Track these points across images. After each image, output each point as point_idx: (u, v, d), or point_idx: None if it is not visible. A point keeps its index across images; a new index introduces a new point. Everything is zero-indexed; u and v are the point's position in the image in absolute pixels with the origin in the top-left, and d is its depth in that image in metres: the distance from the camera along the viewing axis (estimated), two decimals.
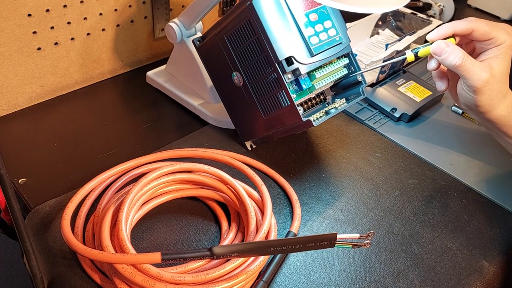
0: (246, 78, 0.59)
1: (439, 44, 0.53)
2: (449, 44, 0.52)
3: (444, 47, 0.52)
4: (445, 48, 0.52)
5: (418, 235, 0.56)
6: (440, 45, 0.52)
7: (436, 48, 0.53)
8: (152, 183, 0.53)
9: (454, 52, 0.52)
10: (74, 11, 0.70)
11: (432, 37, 0.53)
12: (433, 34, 0.53)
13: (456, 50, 0.52)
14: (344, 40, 0.58)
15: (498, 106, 0.54)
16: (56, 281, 0.48)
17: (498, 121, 0.56)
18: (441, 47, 0.52)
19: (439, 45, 0.52)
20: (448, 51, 0.52)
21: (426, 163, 0.67)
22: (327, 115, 0.59)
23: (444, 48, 0.52)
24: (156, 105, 0.74)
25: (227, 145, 0.66)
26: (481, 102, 0.54)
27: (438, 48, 0.52)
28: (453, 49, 0.52)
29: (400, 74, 0.82)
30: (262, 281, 0.48)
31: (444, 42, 0.52)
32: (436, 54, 0.53)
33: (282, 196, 0.60)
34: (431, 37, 0.53)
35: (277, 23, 0.54)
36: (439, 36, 0.53)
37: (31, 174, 0.60)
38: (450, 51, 0.52)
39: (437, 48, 0.53)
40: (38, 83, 0.71)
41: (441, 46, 0.52)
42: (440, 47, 0.52)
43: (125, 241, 0.46)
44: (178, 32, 0.70)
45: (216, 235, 0.54)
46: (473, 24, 0.52)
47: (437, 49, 0.53)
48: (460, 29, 0.52)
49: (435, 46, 0.53)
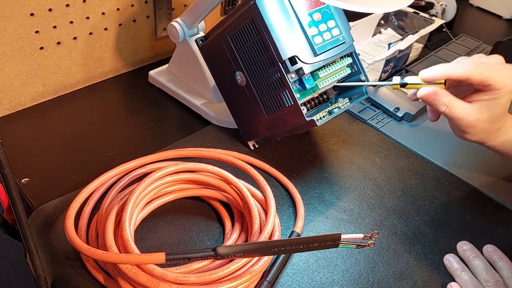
0: (249, 78, 0.59)
1: (426, 92, 0.52)
2: (435, 92, 0.52)
3: (430, 96, 0.52)
4: (431, 97, 0.52)
5: (421, 235, 0.56)
6: (427, 94, 0.52)
7: (422, 95, 0.52)
8: (155, 182, 0.53)
9: (439, 102, 0.52)
10: (77, 11, 0.70)
11: (424, 76, 0.52)
12: (426, 74, 0.52)
13: (441, 98, 0.51)
14: (347, 40, 0.58)
15: (491, 140, 0.55)
16: (59, 281, 0.48)
17: (494, 149, 0.57)
18: (427, 96, 0.52)
19: (426, 94, 0.52)
20: (433, 99, 0.52)
21: (429, 162, 0.67)
22: (331, 115, 0.59)
23: (430, 97, 0.52)
24: (158, 105, 0.74)
25: (230, 145, 0.66)
26: (470, 139, 0.55)
27: (424, 96, 0.52)
28: (439, 99, 0.52)
29: (403, 74, 0.82)
30: (266, 281, 0.48)
31: (430, 92, 0.52)
32: (422, 99, 0.53)
33: (285, 196, 0.60)
34: (423, 76, 0.52)
35: (281, 23, 0.54)
36: (431, 78, 0.52)
37: (34, 173, 0.60)
38: (435, 100, 0.52)
39: (423, 95, 0.52)
40: (40, 82, 0.71)
41: (428, 95, 0.52)
42: (426, 96, 0.52)
43: (129, 241, 0.46)
44: (181, 31, 0.70)
45: (219, 235, 0.54)
46: (469, 72, 0.50)
47: (423, 96, 0.52)
48: (455, 76, 0.51)
49: (422, 93, 0.52)
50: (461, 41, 0.96)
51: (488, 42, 0.96)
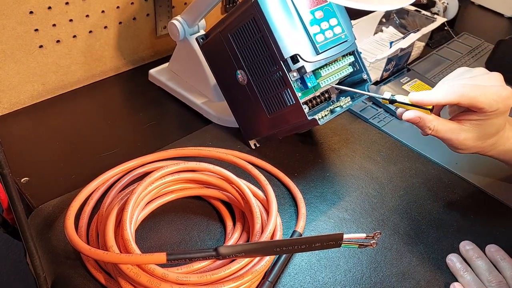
0: (251, 76, 0.59)
1: (411, 117, 0.52)
2: (420, 118, 0.52)
3: (415, 120, 0.52)
4: (415, 120, 0.52)
5: (423, 235, 0.56)
6: (412, 118, 0.52)
7: (407, 119, 0.53)
8: (156, 182, 0.53)
9: (424, 126, 0.52)
10: (76, 9, 0.69)
11: (412, 99, 0.52)
12: (414, 97, 0.52)
13: (426, 123, 0.52)
14: (349, 38, 0.57)
15: (487, 152, 0.56)
16: (59, 281, 0.48)
17: (493, 158, 0.57)
18: (412, 120, 0.52)
19: (411, 118, 0.52)
20: (418, 123, 0.52)
21: (431, 161, 0.67)
22: (332, 114, 0.58)
23: (415, 120, 0.52)
24: (158, 104, 0.74)
25: (231, 144, 0.66)
26: (464, 153, 0.55)
27: (410, 120, 0.53)
28: (423, 123, 0.52)
29: (404, 72, 0.81)
30: (268, 281, 0.48)
31: (415, 116, 0.52)
32: (408, 121, 0.53)
33: (286, 196, 0.59)
34: (411, 98, 0.52)
35: (282, 21, 0.53)
36: (418, 102, 0.52)
37: (33, 173, 0.59)
38: (420, 124, 0.53)
39: (408, 119, 0.53)
40: (40, 81, 0.71)
41: (412, 119, 0.52)
42: (411, 120, 0.53)
43: (130, 241, 0.45)
44: (181, 29, 0.69)
45: (220, 235, 0.54)
46: (459, 98, 0.50)
47: (408, 119, 0.53)
48: (444, 103, 0.51)
49: (407, 116, 0.53)
50: (462, 40, 0.96)
51: (490, 40, 0.96)
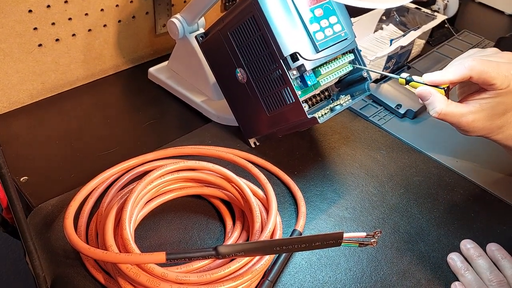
0: (250, 75, 0.59)
1: (422, 91, 0.53)
2: (431, 93, 0.52)
3: (426, 95, 0.52)
4: (426, 96, 0.53)
5: (424, 233, 0.56)
6: (423, 93, 0.53)
7: (419, 94, 0.53)
8: (156, 181, 0.53)
9: (433, 104, 0.52)
10: (75, 7, 0.69)
11: (426, 80, 0.53)
12: (427, 78, 0.52)
13: (435, 102, 0.52)
14: (349, 36, 0.57)
15: (495, 134, 0.55)
16: (59, 280, 0.48)
17: (500, 143, 0.56)
18: (423, 94, 0.53)
19: (422, 92, 0.53)
20: (428, 100, 0.53)
21: (432, 160, 0.67)
22: (332, 112, 0.58)
23: (426, 96, 0.53)
24: (158, 102, 0.74)
25: (231, 143, 0.66)
26: (472, 135, 0.55)
27: (421, 95, 0.53)
28: (433, 101, 0.52)
29: (405, 70, 0.81)
30: (268, 280, 0.48)
31: (426, 91, 0.52)
32: (419, 97, 0.53)
33: (286, 194, 0.59)
34: (425, 79, 0.53)
35: (282, 19, 0.53)
36: (431, 82, 0.52)
37: (32, 172, 0.59)
38: (430, 101, 0.52)
39: (419, 94, 0.53)
40: (39, 80, 0.70)
41: (423, 94, 0.53)
42: (422, 95, 0.53)
43: (129, 241, 0.45)
44: (180, 28, 0.69)
45: (220, 234, 0.54)
46: (471, 72, 0.50)
47: (420, 95, 0.53)
48: (456, 80, 0.51)
49: (419, 91, 0.53)
50: (463, 37, 0.95)
51: (491, 37, 0.95)
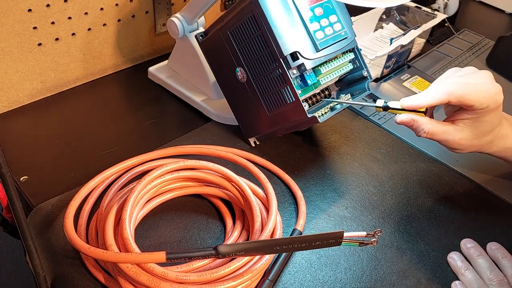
0: (250, 74, 0.59)
1: (404, 119, 0.53)
2: (413, 120, 0.53)
3: (408, 123, 0.53)
4: (409, 123, 0.53)
5: (424, 232, 0.56)
6: (405, 121, 0.53)
7: (401, 122, 0.53)
8: (156, 180, 0.53)
9: (418, 128, 0.53)
10: (75, 6, 0.69)
11: (403, 105, 0.53)
12: (405, 102, 0.53)
13: (420, 126, 0.53)
14: (349, 35, 0.57)
15: (486, 150, 0.56)
16: (59, 280, 0.48)
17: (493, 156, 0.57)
18: (405, 122, 0.53)
19: (404, 120, 0.53)
20: (412, 126, 0.53)
21: (432, 159, 0.66)
22: (332, 111, 0.58)
23: (409, 123, 0.53)
24: (158, 101, 0.74)
25: (231, 142, 0.66)
26: (462, 153, 0.56)
27: (404, 124, 0.53)
28: (417, 126, 0.53)
29: (405, 69, 0.81)
30: (268, 279, 0.48)
31: (408, 119, 0.53)
32: (402, 124, 0.54)
33: (286, 194, 0.59)
34: (402, 104, 0.53)
35: (282, 18, 0.53)
36: (410, 107, 0.53)
37: (32, 171, 0.59)
38: (414, 127, 0.53)
39: (401, 122, 0.53)
40: (39, 79, 0.70)
41: (405, 122, 0.53)
42: (404, 122, 0.53)
43: (129, 240, 0.45)
44: (180, 27, 0.69)
45: (220, 233, 0.54)
46: (448, 97, 0.50)
47: (402, 123, 0.53)
48: (434, 104, 0.52)
49: (400, 119, 0.53)
50: (463, 36, 0.95)
51: (491, 36, 0.95)
